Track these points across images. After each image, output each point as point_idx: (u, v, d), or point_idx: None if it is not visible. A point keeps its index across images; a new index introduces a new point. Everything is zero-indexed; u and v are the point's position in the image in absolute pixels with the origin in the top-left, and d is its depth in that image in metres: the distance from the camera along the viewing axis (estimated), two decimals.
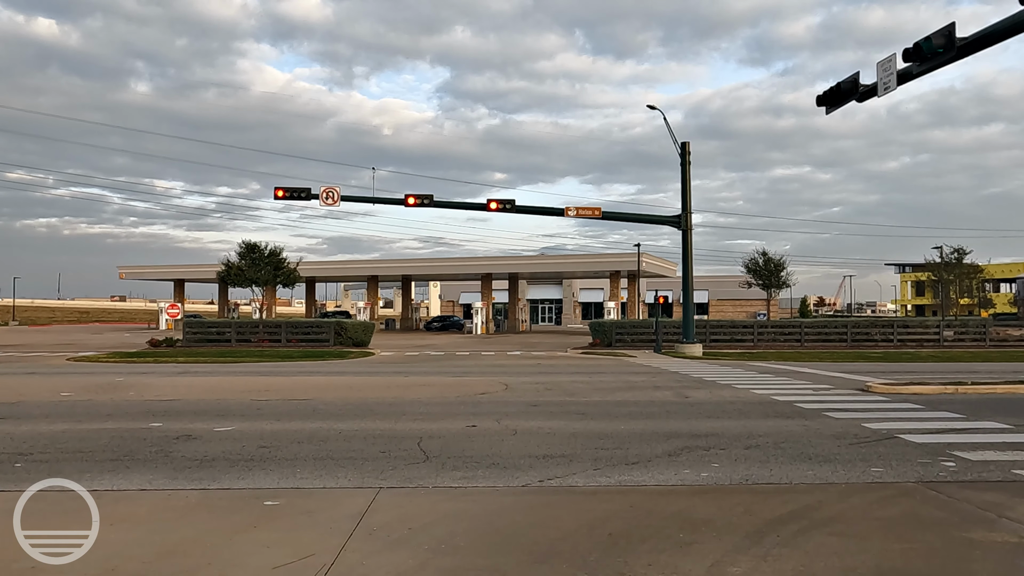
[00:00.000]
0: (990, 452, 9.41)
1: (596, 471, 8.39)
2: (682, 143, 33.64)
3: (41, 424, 11.84)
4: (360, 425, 11.75)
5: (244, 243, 43.64)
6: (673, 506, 6.91)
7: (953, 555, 5.58)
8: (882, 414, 12.89)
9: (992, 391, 16.29)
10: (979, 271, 62.90)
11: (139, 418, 12.55)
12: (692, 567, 5.25)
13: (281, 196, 32.74)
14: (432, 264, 69.98)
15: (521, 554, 5.55)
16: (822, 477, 8.11)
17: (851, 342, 37.60)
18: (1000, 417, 12.40)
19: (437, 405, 14.41)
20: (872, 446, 9.86)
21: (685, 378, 20.47)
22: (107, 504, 6.74)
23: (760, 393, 16.42)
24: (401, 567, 5.26)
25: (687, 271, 34.34)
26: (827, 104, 18.14)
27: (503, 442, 10.20)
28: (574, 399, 15.44)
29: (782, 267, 47.56)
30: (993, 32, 13.76)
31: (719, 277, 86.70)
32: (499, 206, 33.46)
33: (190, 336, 37.65)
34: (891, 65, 15.80)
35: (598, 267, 61.63)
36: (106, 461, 8.92)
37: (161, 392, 16.77)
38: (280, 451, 9.56)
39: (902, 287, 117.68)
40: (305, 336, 38.31)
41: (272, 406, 14.22)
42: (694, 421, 12.23)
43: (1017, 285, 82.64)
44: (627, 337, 38.64)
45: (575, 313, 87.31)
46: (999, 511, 6.65)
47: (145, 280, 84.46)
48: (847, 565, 5.30)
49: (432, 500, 7.18)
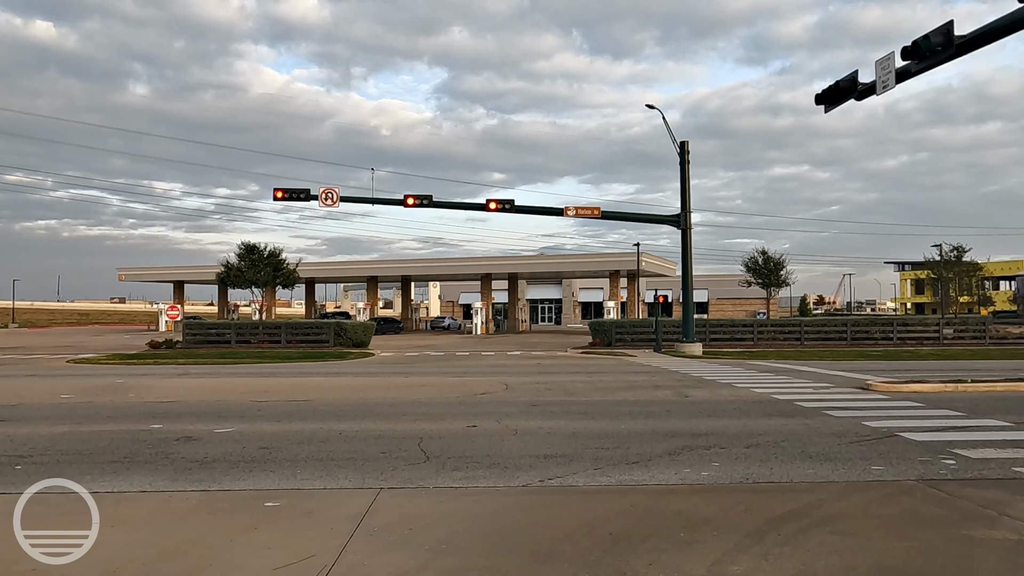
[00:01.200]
0: (990, 450, 9.41)
1: (597, 471, 8.40)
2: (681, 142, 33.66)
3: (41, 426, 11.84)
4: (360, 426, 11.75)
5: (243, 244, 43.60)
6: (674, 505, 6.91)
7: (954, 553, 5.58)
8: (882, 412, 12.90)
9: (992, 389, 16.29)
10: (978, 269, 62.91)
11: (139, 420, 12.55)
12: (693, 566, 5.25)
13: (280, 197, 32.77)
14: (432, 264, 69.93)
15: (522, 554, 5.55)
16: (823, 476, 8.11)
17: (851, 340, 37.63)
18: (1000, 415, 12.40)
19: (437, 405, 14.41)
20: (872, 444, 9.86)
21: (685, 377, 20.47)
22: (108, 506, 6.74)
23: (760, 392, 16.42)
24: (402, 568, 5.26)
25: (687, 270, 34.36)
26: (826, 102, 18.16)
27: (504, 442, 10.20)
28: (574, 399, 15.44)
29: (782, 266, 47.48)
30: (992, 30, 13.78)
31: (719, 276, 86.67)
32: (498, 206, 33.49)
33: (190, 338, 37.71)
34: (890, 63, 15.81)
35: (598, 267, 61.61)
36: (106, 463, 8.92)
37: (161, 394, 16.77)
38: (281, 452, 9.56)
39: (902, 285, 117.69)
40: (305, 337, 38.34)
41: (272, 407, 14.22)
42: (694, 420, 12.24)
43: (1017, 283, 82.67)
44: (627, 336, 38.68)
45: (575, 313, 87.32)
46: (1000, 509, 6.65)
47: (145, 282, 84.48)
48: (848, 563, 5.30)
49: (433, 500, 7.18)
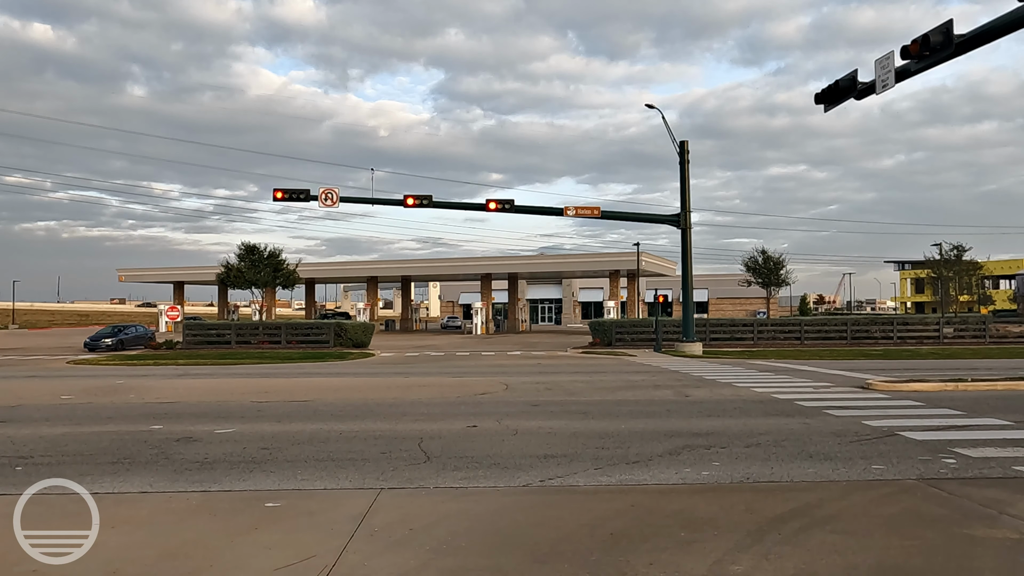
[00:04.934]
0: (990, 449, 9.41)
1: (597, 470, 8.40)
2: (681, 142, 33.63)
3: (42, 427, 11.84)
4: (361, 426, 11.75)
5: (243, 245, 43.78)
6: (674, 505, 6.91)
7: (954, 552, 5.57)
8: (882, 411, 12.89)
9: (992, 388, 16.28)
10: (978, 268, 63.00)
11: (140, 420, 12.55)
12: (694, 566, 5.25)
13: (280, 197, 32.74)
14: (432, 264, 69.92)
15: (523, 554, 5.55)
16: (823, 475, 8.11)
17: (851, 340, 37.60)
18: (1000, 414, 12.40)
19: (438, 406, 14.41)
20: (873, 444, 9.86)
21: (685, 377, 20.47)
22: (108, 507, 6.74)
23: (760, 391, 16.42)
24: (403, 568, 5.26)
25: (687, 270, 34.35)
26: (826, 102, 18.16)
27: (504, 442, 10.20)
28: (575, 399, 15.44)
29: (781, 265, 47.59)
30: (992, 29, 13.80)
31: (719, 276, 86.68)
32: (498, 206, 33.48)
33: (190, 338, 37.70)
34: (889, 63, 15.82)
35: (598, 266, 61.59)
36: (107, 464, 8.92)
37: (161, 394, 16.77)
38: (281, 453, 9.56)
39: (902, 284, 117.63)
40: (305, 338, 38.31)
41: (273, 408, 14.22)
42: (695, 420, 12.24)
43: (1017, 281, 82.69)
44: (627, 336, 38.66)
45: (575, 313, 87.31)
46: (1000, 508, 6.65)
47: (144, 283, 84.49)
48: (848, 563, 5.30)
49: (433, 501, 7.18)
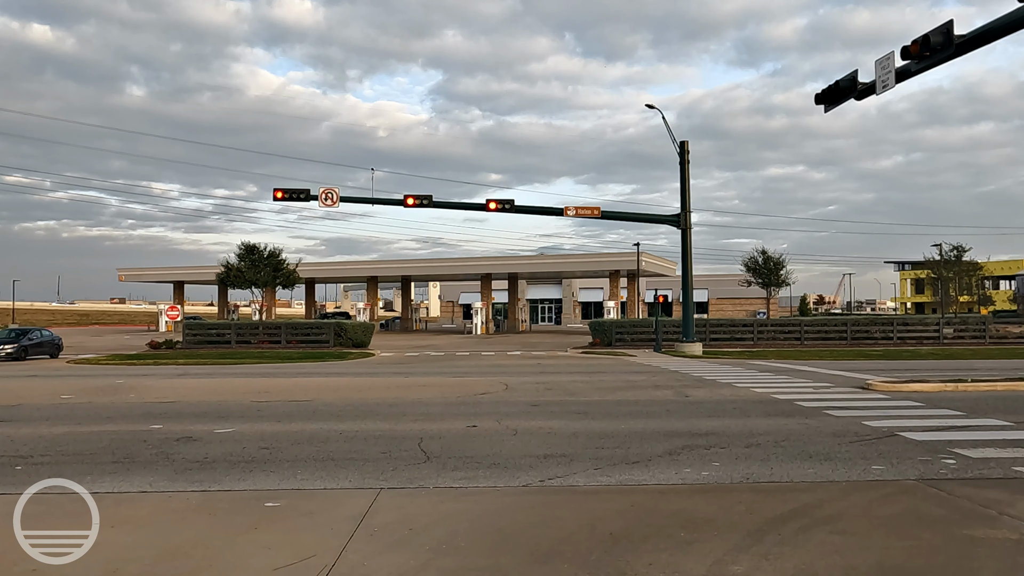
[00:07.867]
0: (990, 449, 9.41)
1: (597, 470, 8.40)
2: (681, 142, 33.63)
3: (41, 427, 11.84)
4: (361, 426, 11.75)
5: (243, 244, 43.70)
6: (674, 505, 6.91)
7: (954, 553, 5.57)
8: (882, 412, 12.89)
9: (992, 388, 16.28)
10: (978, 268, 62.94)
11: (139, 420, 12.55)
12: (693, 566, 5.25)
13: (280, 197, 32.75)
14: (432, 264, 69.93)
15: (522, 554, 5.54)
16: (823, 475, 8.11)
17: (851, 340, 37.61)
18: (1000, 414, 12.40)
19: (438, 405, 14.41)
20: (873, 444, 9.86)
21: (685, 377, 20.47)
22: (108, 506, 6.74)
23: (760, 392, 16.42)
24: (403, 568, 5.26)
25: (687, 270, 34.35)
26: (826, 102, 18.17)
27: (504, 442, 10.20)
28: (574, 399, 15.44)
29: (781, 265, 47.52)
30: (992, 29, 13.82)
31: (719, 276, 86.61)
32: (498, 206, 33.48)
33: (190, 338, 37.70)
34: (889, 63, 15.83)
35: (598, 266, 61.60)
36: (107, 463, 8.92)
37: (161, 394, 16.77)
38: (281, 452, 9.56)
39: (902, 285, 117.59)
40: (305, 337, 38.32)
41: (272, 407, 14.22)
42: (694, 420, 12.24)
43: (1017, 282, 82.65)
44: (627, 336, 38.67)
45: (575, 313, 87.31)
46: (1000, 508, 6.64)
47: (144, 282, 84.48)
48: (848, 563, 5.30)
49: (433, 500, 7.18)
